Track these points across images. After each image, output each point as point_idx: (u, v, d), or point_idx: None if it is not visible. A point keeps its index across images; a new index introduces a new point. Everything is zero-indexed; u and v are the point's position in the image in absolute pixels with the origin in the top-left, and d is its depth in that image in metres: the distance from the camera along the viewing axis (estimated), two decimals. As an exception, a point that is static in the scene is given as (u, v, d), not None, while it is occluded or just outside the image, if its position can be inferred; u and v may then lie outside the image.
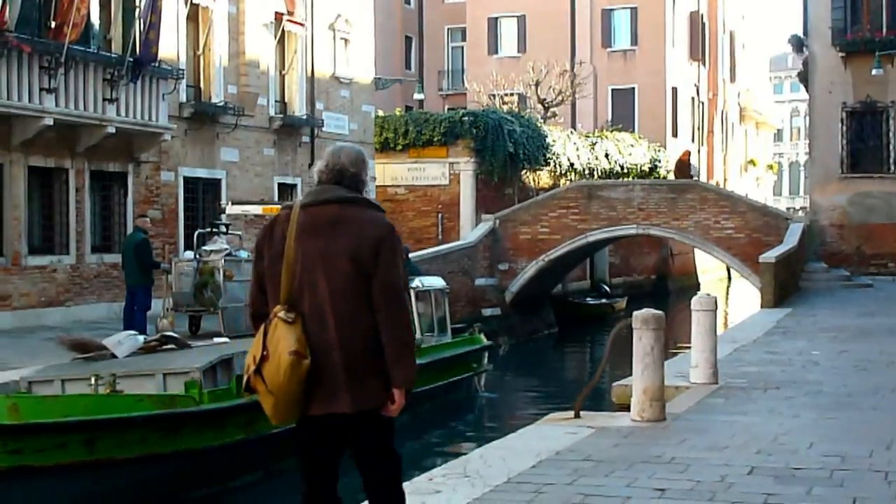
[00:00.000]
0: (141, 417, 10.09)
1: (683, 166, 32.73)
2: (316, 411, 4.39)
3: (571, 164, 36.99)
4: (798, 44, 33.46)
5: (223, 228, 17.96)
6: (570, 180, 35.62)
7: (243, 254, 17.97)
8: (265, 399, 4.36)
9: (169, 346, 13.19)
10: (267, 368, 4.32)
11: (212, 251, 17.18)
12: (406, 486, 6.89)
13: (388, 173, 32.38)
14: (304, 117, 27.53)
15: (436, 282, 17.61)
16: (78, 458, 9.65)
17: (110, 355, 12.44)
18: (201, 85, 24.42)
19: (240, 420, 11.26)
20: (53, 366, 12.44)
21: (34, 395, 11.16)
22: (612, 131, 41.42)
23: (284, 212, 4.55)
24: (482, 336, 19.07)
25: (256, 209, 19.66)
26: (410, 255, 21.15)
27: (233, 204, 19.57)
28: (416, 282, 17.30)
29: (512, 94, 42.02)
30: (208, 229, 18.60)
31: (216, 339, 14.05)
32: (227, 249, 17.32)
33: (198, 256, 17.38)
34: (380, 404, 4.42)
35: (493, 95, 41.70)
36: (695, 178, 30.92)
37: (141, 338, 13.30)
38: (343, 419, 4.41)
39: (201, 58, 24.38)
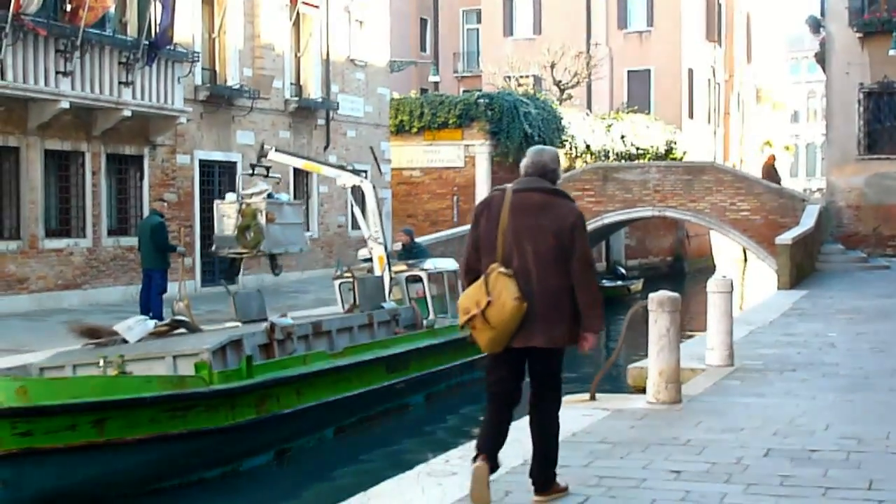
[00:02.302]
0: (151, 398, 10.09)
1: (771, 171, 32.17)
2: (517, 344, 5.68)
3: (587, 147, 36.90)
4: (815, 24, 33.26)
5: (264, 171, 17.70)
6: (586, 162, 35.54)
7: (283, 197, 17.70)
8: (486, 333, 5.64)
9: (180, 331, 13.20)
10: (492, 310, 5.59)
11: (253, 193, 16.99)
12: (422, 467, 6.95)
13: (404, 156, 32.37)
14: (320, 100, 27.53)
15: (449, 264, 17.60)
16: (88, 439, 9.65)
17: (121, 340, 12.46)
18: (217, 68, 24.44)
19: (250, 400, 11.27)
20: (64, 352, 12.47)
21: (42, 377, 11.17)
22: (627, 113, 41.28)
23: (499, 193, 5.88)
24: None
25: (298, 163, 19.14)
26: (418, 238, 21.07)
27: (276, 150, 18.91)
28: (429, 264, 17.27)
29: (527, 76, 41.85)
30: (250, 171, 18.34)
31: (228, 324, 14.03)
32: (267, 190, 17.08)
33: (240, 199, 17.11)
34: (564, 345, 5.76)
35: (509, 77, 41.55)
36: (781, 185, 30.19)
37: (151, 322, 13.27)
38: (534, 352, 5.73)
39: (216, 41, 24.40)
